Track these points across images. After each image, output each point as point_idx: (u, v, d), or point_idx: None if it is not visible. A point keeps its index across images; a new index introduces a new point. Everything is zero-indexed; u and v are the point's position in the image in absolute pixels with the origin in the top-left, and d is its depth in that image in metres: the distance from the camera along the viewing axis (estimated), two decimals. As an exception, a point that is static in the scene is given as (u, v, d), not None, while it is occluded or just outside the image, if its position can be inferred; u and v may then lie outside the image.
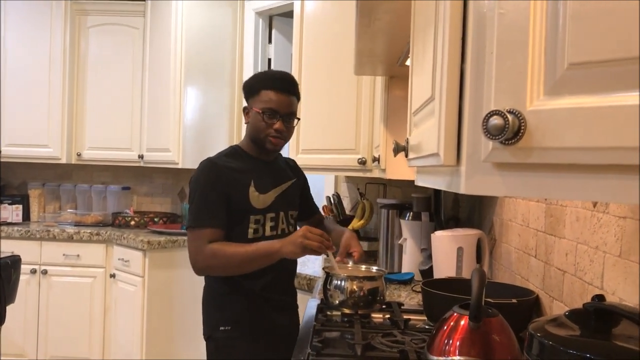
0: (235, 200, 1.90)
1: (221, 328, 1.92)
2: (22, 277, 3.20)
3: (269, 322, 1.95)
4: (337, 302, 1.82)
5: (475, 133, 0.61)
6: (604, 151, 0.47)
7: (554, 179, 0.53)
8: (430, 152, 0.77)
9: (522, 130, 0.53)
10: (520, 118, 0.53)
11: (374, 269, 1.98)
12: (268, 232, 1.96)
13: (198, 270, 1.90)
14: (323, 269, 1.88)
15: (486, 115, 0.54)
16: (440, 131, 0.69)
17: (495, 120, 0.53)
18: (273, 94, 1.92)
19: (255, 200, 1.93)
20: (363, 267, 1.98)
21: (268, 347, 1.93)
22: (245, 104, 2.02)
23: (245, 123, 2.01)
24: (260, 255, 1.83)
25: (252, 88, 1.98)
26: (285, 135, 1.96)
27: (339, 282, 1.81)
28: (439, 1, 0.76)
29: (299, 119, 2.03)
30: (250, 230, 1.92)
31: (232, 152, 2.01)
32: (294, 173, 2.16)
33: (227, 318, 1.93)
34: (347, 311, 1.82)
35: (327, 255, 1.84)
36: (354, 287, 1.80)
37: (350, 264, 1.93)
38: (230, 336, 1.92)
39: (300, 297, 2.41)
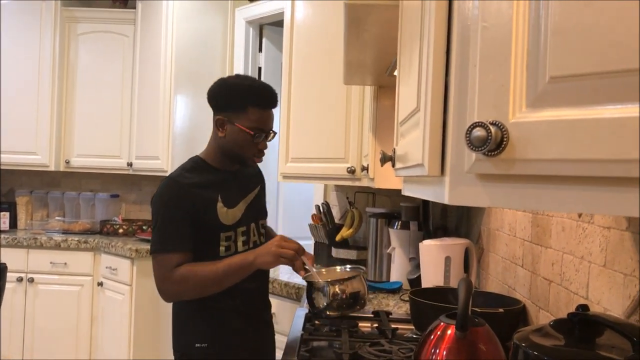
0: (203, 219, 1.78)
1: (197, 345, 1.81)
2: (8, 286, 3.17)
3: (246, 337, 1.87)
4: (321, 307, 1.85)
5: (458, 144, 0.62)
6: (585, 163, 0.48)
7: (537, 190, 0.54)
8: (415, 162, 0.78)
9: (504, 142, 0.54)
10: (503, 130, 0.54)
11: (348, 267, 2.05)
12: (240, 248, 1.85)
13: (167, 298, 1.79)
14: (303, 278, 1.87)
15: (469, 127, 0.55)
16: (425, 142, 0.70)
17: (478, 132, 0.54)
18: (262, 112, 1.81)
19: (224, 217, 1.82)
20: (338, 268, 2.07)
21: None
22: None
23: (221, 136, 1.82)
24: (234, 270, 1.75)
25: (234, 101, 1.82)
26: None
27: (320, 287, 1.86)
28: (424, 14, 0.77)
29: (275, 133, 1.90)
30: (222, 249, 1.81)
31: (195, 166, 1.86)
32: (258, 178, 2.05)
33: (202, 334, 1.82)
34: (332, 314, 1.85)
35: (304, 264, 1.81)
36: (336, 289, 1.85)
37: (313, 269, 1.92)
38: (207, 354, 1.81)
39: (289, 305, 2.41)
